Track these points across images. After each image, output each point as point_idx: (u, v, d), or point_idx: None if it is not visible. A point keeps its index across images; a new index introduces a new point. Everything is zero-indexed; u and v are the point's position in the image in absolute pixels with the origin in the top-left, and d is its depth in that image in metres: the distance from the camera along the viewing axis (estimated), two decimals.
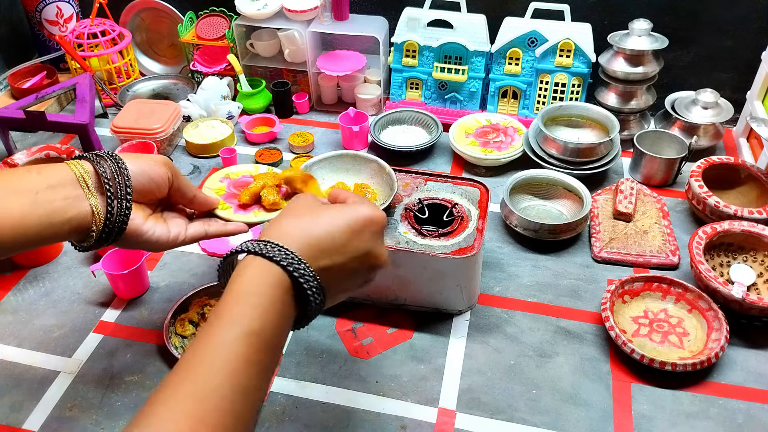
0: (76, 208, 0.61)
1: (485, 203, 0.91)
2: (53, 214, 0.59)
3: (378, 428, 0.75)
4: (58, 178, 0.61)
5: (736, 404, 0.78)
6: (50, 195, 0.60)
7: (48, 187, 0.60)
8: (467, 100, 1.32)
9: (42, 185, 0.59)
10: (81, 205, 0.62)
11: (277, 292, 0.49)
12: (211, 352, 0.46)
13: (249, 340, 0.47)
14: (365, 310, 0.90)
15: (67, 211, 0.61)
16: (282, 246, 0.51)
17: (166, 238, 0.69)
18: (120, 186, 0.64)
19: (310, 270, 0.51)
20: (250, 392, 0.46)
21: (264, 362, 0.48)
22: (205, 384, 0.44)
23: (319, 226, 0.54)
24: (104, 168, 0.63)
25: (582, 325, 0.88)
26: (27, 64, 1.44)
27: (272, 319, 0.49)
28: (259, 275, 0.50)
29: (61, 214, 0.60)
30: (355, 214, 0.56)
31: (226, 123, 1.28)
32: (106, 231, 0.63)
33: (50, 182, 0.60)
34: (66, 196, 0.61)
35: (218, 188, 0.80)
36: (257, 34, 1.39)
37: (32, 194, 0.58)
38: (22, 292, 0.95)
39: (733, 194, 1.08)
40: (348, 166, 0.94)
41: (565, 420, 0.76)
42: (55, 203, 0.60)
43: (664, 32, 1.20)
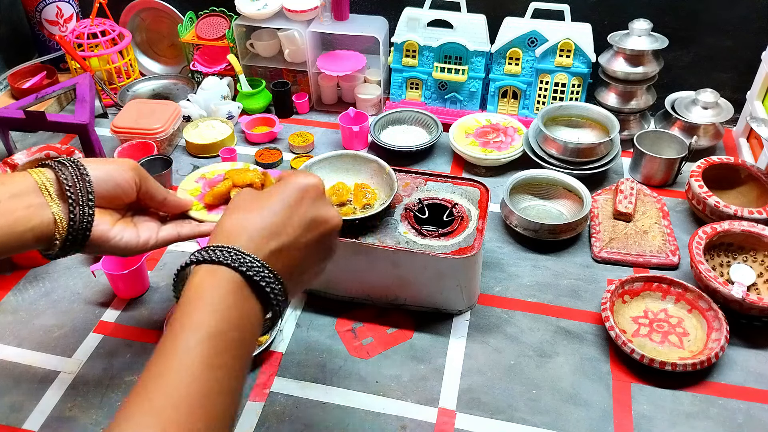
0: (39, 216, 0.61)
1: (485, 203, 0.91)
2: (15, 224, 0.59)
3: (378, 428, 0.75)
4: (20, 186, 0.61)
5: (736, 404, 0.78)
6: (12, 204, 0.60)
7: (10, 197, 0.60)
8: (467, 100, 1.32)
9: (4, 194, 0.59)
10: (43, 213, 0.61)
11: (229, 291, 0.49)
12: (169, 362, 0.45)
13: (208, 344, 0.46)
14: (365, 310, 0.90)
15: (30, 219, 0.60)
16: (223, 246, 0.50)
17: (135, 242, 0.68)
18: (81, 192, 0.63)
19: (257, 260, 0.50)
20: (216, 396, 0.45)
21: (227, 364, 0.47)
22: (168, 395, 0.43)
23: (256, 214, 0.53)
24: (65, 175, 0.63)
25: (582, 325, 0.88)
26: (27, 64, 1.44)
27: (229, 319, 0.48)
28: (208, 279, 0.49)
29: (23, 223, 0.60)
30: (288, 189, 0.55)
31: (226, 123, 1.28)
32: (70, 238, 0.63)
33: (12, 191, 0.60)
34: (28, 205, 0.61)
35: (193, 189, 0.80)
36: (257, 34, 1.39)
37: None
38: (22, 292, 0.95)
39: (733, 194, 1.08)
40: (348, 166, 0.94)
41: (565, 420, 0.76)
42: (17, 212, 0.60)
43: (664, 32, 1.20)
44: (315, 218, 0.55)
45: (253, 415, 0.77)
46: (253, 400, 0.78)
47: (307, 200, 0.55)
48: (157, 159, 1.14)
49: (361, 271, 0.86)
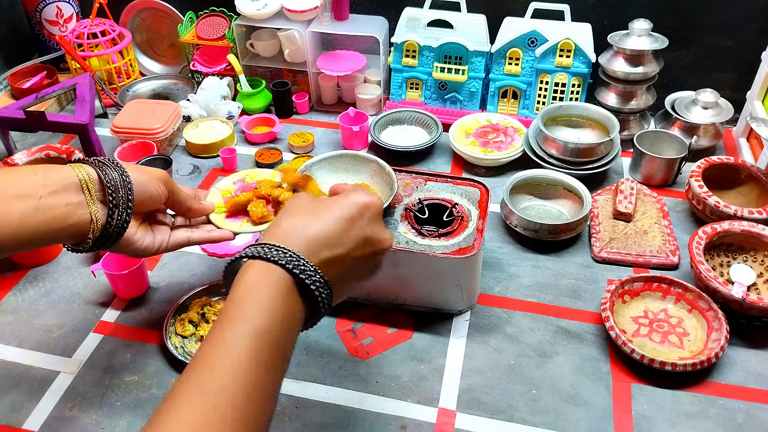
0: (77, 215, 0.62)
1: (485, 203, 0.91)
2: (54, 221, 0.60)
3: (378, 428, 0.75)
4: (62, 182, 0.62)
5: (736, 404, 0.78)
6: (53, 200, 0.60)
7: (51, 193, 0.60)
8: (467, 100, 1.32)
9: (45, 190, 0.60)
10: (82, 212, 0.63)
11: (280, 291, 0.50)
12: (218, 354, 0.46)
13: (256, 340, 0.47)
14: (365, 310, 0.90)
15: (68, 218, 0.61)
16: (279, 246, 0.51)
17: (152, 245, 0.72)
18: (122, 197, 0.65)
19: (311, 265, 0.51)
20: (260, 392, 0.46)
21: (272, 362, 0.48)
22: (214, 386, 0.44)
23: (315, 221, 0.54)
24: (109, 177, 0.65)
25: (582, 325, 0.88)
26: (27, 64, 1.44)
27: (278, 318, 0.49)
28: (260, 277, 0.50)
29: (62, 221, 0.61)
30: (349, 203, 0.56)
31: (226, 123, 1.28)
32: (102, 239, 0.65)
33: (54, 187, 0.61)
34: (68, 203, 0.61)
35: (227, 189, 0.82)
36: (257, 34, 1.39)
37: (35, 199, 0.59)
38: (22, 292, 0.95)
39: (733, 194, 1.08)
40: (348, 166, 0.94)
41: (565, 420, 0.76)
42: (57, 210, 0.61)
43: (664, 32, 1.20)
44: (370, 237, 0.56)
45: None
46: None
47: (365, 219, 0.56)
48: (157, 159, 1.14)
49: None
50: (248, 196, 0.78)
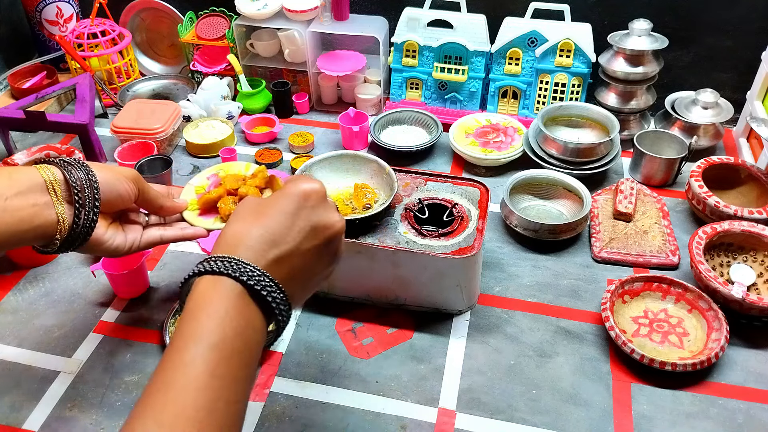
0: (43, 216, 0.62)
1: (485, 203, 0.91)
2: (21, 222, 0.60)
3: (378, 428, 0.75)
4: (27, 183, 0.62)
5: (736, 404, 0.78)
6: (19, 202, 0.60)
7: (17, 194, 0.60)
8: (467, 100, 1.32)
9: (11, 191, 0.60)
10: (48, 213, 0.63)
11: (231, 301, 0.49)
12: (173, 373, 0.45)
13: (212, 354, 0.46)
14: (365, 310, 0.90)
15: (35, 219, 0.61)
16: (225, 256, 0.50)
17: (123, 245, 0.71)
18: (89, 197, 0.65)
19: (258, 269, 0.50)
20: (221, 406, 0.45)
21: (231, 374, 0.46)
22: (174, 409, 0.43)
23: (257, 223, 0.53)
24: (75, 177, 0.64)
25: (582, 325, 0.88)
26: (27, 64, 1.44)
27: (232, 328, 0.47)
28: (209, 290, 0.49)
29: (28, 222, 0.61)
30: (287, 195, 0.55)
31: (226, 123, 1.28)
32: (70, 239, 0.65)
33: (20, 188, 0.61)
34: (34, 203, 0.61)
35: (200, 185, 0.81)
36: (257, 34, 1.39)
37: (1, 200, 0.59)
38: (22, 292, 0.95)
39: (733, 194, 1.08)
40: (348, 165, 0.94)
41: (565, 420, 0.76)
42: (24, 211, 0.61)
43: (664, 32, 1.20)
44: (317, 224, 0.55)
45: (253, 415, 0.77)
46: (252, 400, 0.78)
47: (309, 207, 0.55)
48: (157, 159, 1.14)
49: (361, 271, 0.86)
50: (219, 192, 0.78)
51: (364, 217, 0.85)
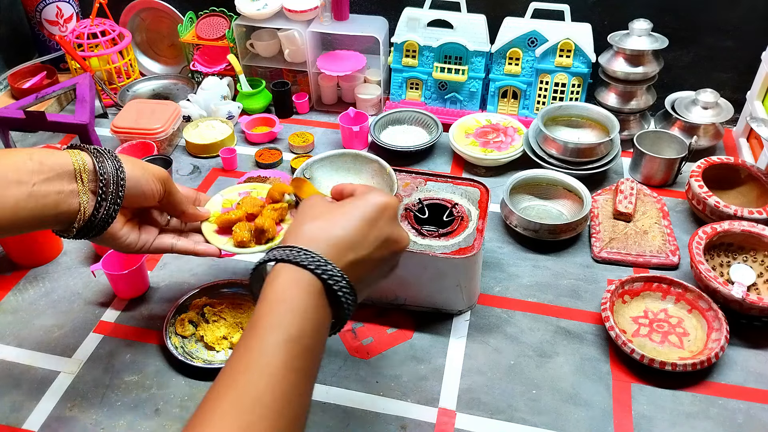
0: (67, 203, 0.63)
1: (485, 203, 0.91)
2: (45, 208, 0.61)
3: (378, 428, 0.75)
4: (57, 169, 0.62)
5: (736, 404, 0.78)
6: (46, 188, 0.61)
7: (45, 180, 0.61)
8: (467, 100, 1.32)
9: (39, 177, 0.61)
10: (72, 201, 0.63)
11: (311, 297, 0.50)
12: (252, 360, 0.46)
13: (288, 347, 0.47)
14: (365, 310, 0.90)
15: (59, 206, 0.62)
16: (308, 250, 0.51)
17: (134, 244, 0.72)
18: (113, 192, 0.65)
19: (338, 270, 0.51)
20: (294, 398, 0.46)
21: (305, 368, 0.48)
22: (248, 393, 0.44)
23: (337, 225, 0.54)
24: (105, 169, 0.65)
25: (582, 325, 0.88)
26: (27, 64, 1.44)
27: (309, 324, 0.49)
28: (291, 282, 0.50)
29: (51, 208, 0.62)
30: (368, 204, 0.56)
31: (226, 123, 1.28)
32: (86, 228, 0.65)
33: (48, 174, 0.61)
34: (60, 191, 0.62)
35: (229, 200, 0.82)
36: (257, 34, 1.39)
37: (29, 186, 0.60)
38: (22, 292, 0.95)
39: (733, 194, 1.08)
40: (349, 165, 0.94)
41: (565, 420, 0.76)
42: (49, 197, 0.61)
43: (664, 32, 1.20)
44: (390, 236, 0.56)
45: None
46: None
47: (385, 219, 0.56)
48: (157, 159, 1.14)
49: None
50: (239, 215, 0.77)
51: None
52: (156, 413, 0.77)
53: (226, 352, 0.84)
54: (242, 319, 0.87)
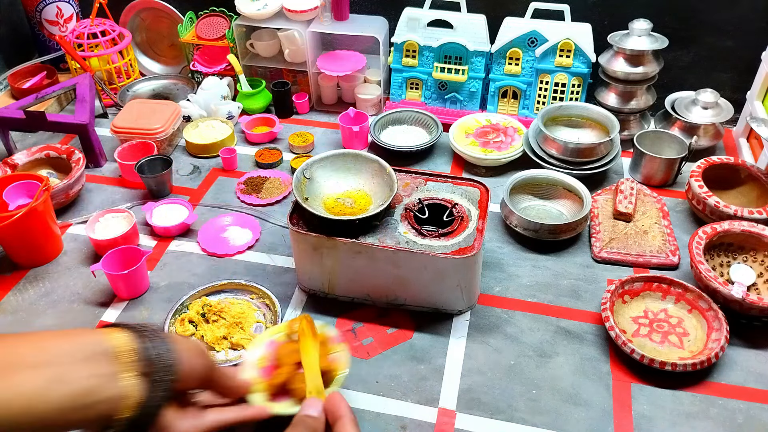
0: (106, 390, 0.53)
1: (485, 203, 0.91)
2: (81, 396, 0.52)
3: (378, 428, 0.75)
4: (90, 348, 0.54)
5: (736, 404, 0.78)
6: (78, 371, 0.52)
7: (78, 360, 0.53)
8: (467, 100, 1.32)
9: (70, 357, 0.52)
10: (111, 386, 0.54)
11: None
12: None
13: None
14: (365, 310, 0.90)
15: (96, 392, 0.53)
16: None
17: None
18: (164, 376, 0.57)
19: None
20: None
21: None
22: None
23: None
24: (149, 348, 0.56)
25: (582, 325, 0.88)
26: (27, 64, 1.44)
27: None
28: None
29: (87, 396, 0.52)
30: None
31: (226, 123, 1.28)
32: (132, 422, 0.55)
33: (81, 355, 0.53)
34: (96, 374, 0.53)
35: (261, 358, 0.73)
36: (257, 34, 1.39)
37: (56, 367, 0.52)
38: (22, 292, 0.95)
39: (733, 194, 1.08)
40: (349, 165, 0.94)
41: (565, 420, 0.76)
42: (81, 382, 0.52)
43: (664, 32, 1.20)
44: None
45: None
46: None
47: None
48: (157, 159, 1.14)
49: (361, 271, 0.86)
50: (288, 371, 0.69)
51: (364, 217, 0.85)
52: None
53: (227, 352, 0.84)
54: (242, 319, 0.87)
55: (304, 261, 0.89)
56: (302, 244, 0.87)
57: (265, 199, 1.11)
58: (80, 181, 1.11)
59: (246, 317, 0.88)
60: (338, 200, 0.91)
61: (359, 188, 0.93)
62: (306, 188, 0.90)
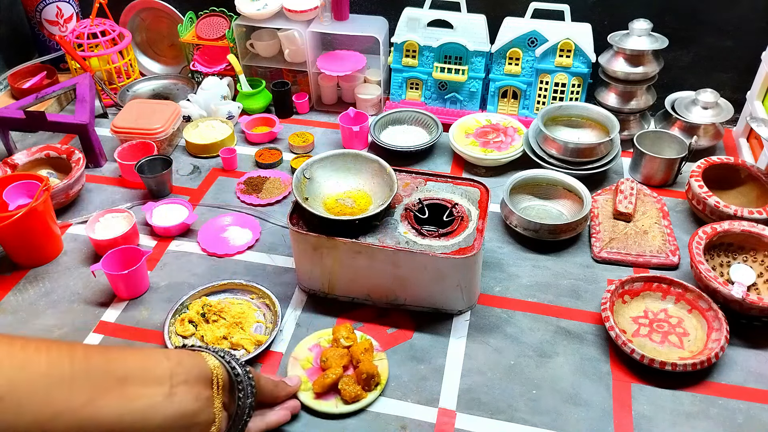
0: (206, 413, 0.56)
1: (485, 203, 0.91)
2: (181, 418, 0.54)
3: (378, 428, 0.75)
4: (195, 372, 0.56)
5: (736, 404, 0.78)
6: (185, 391, 0.54)
7: (184, 382, 0.54)
8: (467, 100, 1.32)
9: (178, 379, 0.54)
10: (209, 410, 0.56)
11: None
12: None
13: None
14: (365, 310, 0.90)
15: (197, 415, 0.55)
16: None
17: None
18: (250, 404, 0.60)
19: None
20: None
21: None
22: None
23: None
24: (240, 378, 0.59)
25: (582, 325, 0.88)
26: (27, 64, 1.44)
27: None
28: None
29: (189, 418, 0.54)
30: None
31: (226, 123, 1.28)
32: None
33: (186, 376, 0.55)
34: (199, 396, 0.55)
35: (305, 359, 0.81)
36: (257, 34, 1.39)
37: (166, 387, 0.53)
38: (22, 292, 0.95)
39: (733, 194, 1.08)
40: (350, 165, 0.94)
41: (565, 420, 0.76)
42: (187, 404, 0.54)
43: (664, 32, 1.20)
44: None
45: None
46: None
47: None
48: (157, 159, 1.14)
49: (361, 271, 0.86)
50: (338, 373, 0.77)
51: (364, 217, 0.85)
52: None
53: None
54: (242, 319, 0.87)
55: (304, 261, 0.89)
56: (302, 244, 0.87)
57: (265, 199, 1.11)
58: (80, 181, 1.11)
59: (246, 317, 0.88)
60: (338, 200, 0.91)
61: (359, 188, 0.93)
62: (306, 188, 0.90)
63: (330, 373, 0.77)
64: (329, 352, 0.80)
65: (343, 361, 0.79)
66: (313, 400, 0.76)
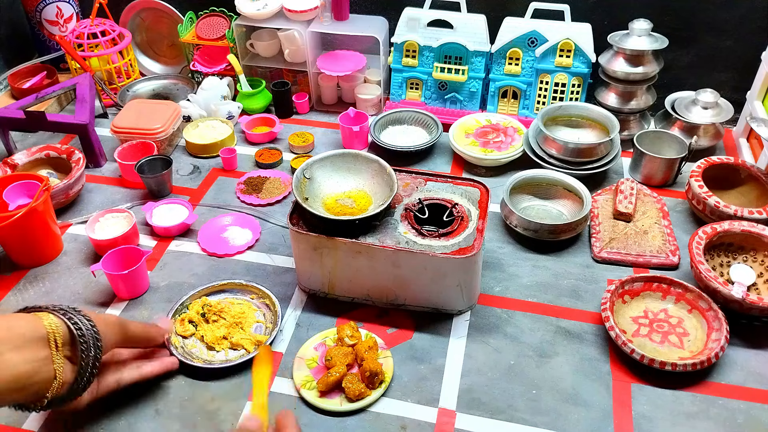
0: (41, 373, 0.58)
1: (485, 203, 0.91)
2: (16, 381, 0.56)
3: (378, 428, 0.75)
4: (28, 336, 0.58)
5: (736, 404, 0.78)
6: (16, 357, 0.56)
7: (14, 348, 0.56)
8: (467, 100, 1.32)
9: (8, 344, 0.56)
10: (46, 369, 0.59)
11: None
12: None
13: None
14: (365, 310, 0.90)
15: (32, 376, 0.57)
16: None
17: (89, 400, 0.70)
18: (93, 356, 0.62)
19: None
20: None
21: None
22: None
23: None
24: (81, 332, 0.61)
25: (582, 325, 0.88)
26: (27, 64, 1.44)
27: None
28: None
29: (24, 380, 0.57)
30: None
31: (226, 123, 1.28)
32: (59, 399, 0.61)
33: (17, 342, 0.57)
34: (33, 359, 0.58)
35: (311, 359, 0.82)
36: (257, 34, 1.39)
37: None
38: (22, 292, 0.95)
39: (733, 194, 1.08)
40: (349, 165, 0.94)
41: (565, 420, 0.76)
42: (19, 367, 0.57)
43: (664, 32, 1.20)
44: None
45: None
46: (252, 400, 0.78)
47: None
48: (157, 159, 1.14)
49: (361, 271, 0.86)
50: (341, 372, 0.78)
51: (364, 217, 0.85)
52: (156, 413, 0.77)
53: (226, 352, 0.84)
54: (242, 319, 0.87)
55: (304, 261, 0.89)
56: (302, 244, 0.87)
57: (265, 199, 1.11)
58: (80, 181, 1.11)
59: (246, 317, 0.88)
60: (338, 200, 0.91)
61: (359, 188, 0.93)
62: (306, 188, 0.90)
63: (334, 371, 0.77)
64: (333, 350, 0.80)
65: (347, 359, 0.79)
66: (317, 399, 0.77)
